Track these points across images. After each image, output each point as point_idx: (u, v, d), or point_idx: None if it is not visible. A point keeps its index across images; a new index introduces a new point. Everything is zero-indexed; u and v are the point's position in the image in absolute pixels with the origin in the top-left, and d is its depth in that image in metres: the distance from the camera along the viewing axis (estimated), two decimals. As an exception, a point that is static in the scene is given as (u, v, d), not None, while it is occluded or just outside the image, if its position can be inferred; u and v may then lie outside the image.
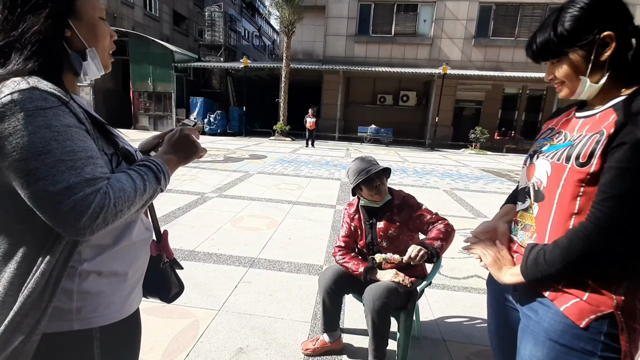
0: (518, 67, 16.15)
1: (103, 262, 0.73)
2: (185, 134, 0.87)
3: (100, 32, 0.77)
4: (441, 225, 1.73)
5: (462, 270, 3.05)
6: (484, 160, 12.56)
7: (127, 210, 0.67)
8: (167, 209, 4.26)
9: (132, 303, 0.83)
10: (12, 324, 0.62)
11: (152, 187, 0.73)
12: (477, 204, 5.54)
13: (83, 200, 0.60)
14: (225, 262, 2.92)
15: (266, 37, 40.58)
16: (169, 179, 0.80)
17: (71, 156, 0.62)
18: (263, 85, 21.58)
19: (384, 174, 1.82)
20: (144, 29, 19.23)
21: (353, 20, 17.16)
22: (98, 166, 0.66)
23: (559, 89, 0.87)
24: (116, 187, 0.66)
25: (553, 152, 0.85)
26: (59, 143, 0.61)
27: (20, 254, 0.65)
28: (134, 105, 17.36)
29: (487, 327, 1.14)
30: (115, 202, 0.64)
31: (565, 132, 0.88)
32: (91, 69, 0.76)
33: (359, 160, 1.84)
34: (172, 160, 0.83)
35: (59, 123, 0.62)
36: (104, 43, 0.79)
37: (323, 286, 1.78)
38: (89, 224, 0.61)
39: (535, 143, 0.95)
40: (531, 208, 0.88)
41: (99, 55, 0.77)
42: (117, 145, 0.77)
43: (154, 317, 2.07)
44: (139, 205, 0.71)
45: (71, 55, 0.73)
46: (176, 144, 0.86)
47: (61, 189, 0.59)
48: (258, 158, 9.49)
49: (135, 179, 0.70)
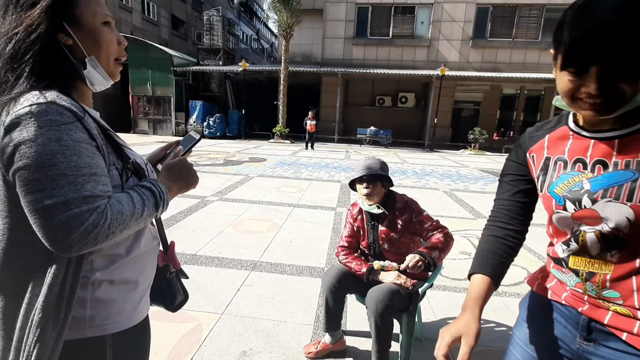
0: (515, 68, 16.24)
1: (115, 271, 0.75)
2: (189, 165, 0.89)
3: (102, 39, 0.74)
4: (440, 234, 1.76)
5: (463, 271, 3.06)
6: (483, 160, 12.59)
7: (119, 233, 0.67)
8: (168, 213, 4.27)
9: (142, 309, 0.84)
10: (34, 337, 0.63)
11: (149, 214, 0.74)
12: (477, 205, 5.56)
13: (77, 217, 0.60)
14: (227, 266, 2.93)
15: (264, 40, 40.71)
16: (167, 207, 0.82)
17: (74, 171, 0.62)
18: (262, 88, 21.63)
19: (379, 180, 1.82)
20: (142, 34, 19.29)
21: (351, 22, 17.24)
22: (100, 184, 0.65)
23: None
24: (115, 209, 0.65)
25: (609, 189, 0.70)
26: (65, 157, 0.61)
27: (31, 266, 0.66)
28: (134, 110, 17.40)
29: None
30: (110, 224, 0.64)
31: (603, 160, 0.72)
32: (95, 77, 0.75)
33: (364, 159, 1.88)
34: (172, 189, 0.85)
35: (69, 138, 0.63)
36: (107, 50, 0.76)
37: (327, 284, 1.80)
38: (77, 241, 0.60)
39: (556, 182, 0.79)
40: (601, 256, 0.73)
41: (101, 64, 0.75)
42: (128, 159, 0.77)
43: (158, 321, 2.08)
44: (131, 230, 0.70)
45: (76, 64, 0.72)
46: (180, 173, 0.88)
47: (57, 203, 0.60)
48: (258, 161, 9.51)
49: (137, 203, 0.70)
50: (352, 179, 1.87)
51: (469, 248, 3.61)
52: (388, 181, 1.85)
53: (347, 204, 5.21)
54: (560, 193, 0.78)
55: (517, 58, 16.46)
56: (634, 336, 0.70)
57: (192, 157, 9.41)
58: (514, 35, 16.42)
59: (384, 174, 1.81)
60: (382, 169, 1.83)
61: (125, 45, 0.81)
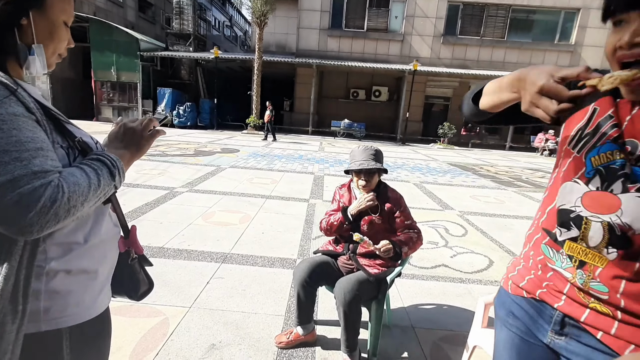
0: (483, 65, 16.85)
1: (72, 260, 0.70)
2: (129, 127, 0.83)
3: (57, 35, 0.74)
4: (414, 233, 1.88)
5: (430, 260, 3.17)
6: (451, 154, 13.05)
7: (81, 206, 0.63)
8: (133, 205, 4.09)
9: (103, 301, 0.80)
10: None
11: (107, 184, 0.70)
12: (444, 197, 5.76)
13: (31, 193, 0.56)
14: (196, 258, 2.86)
15: (238, 27, 39.52)
16: (124, 176, 0.77)
17: (17, 147, 0.57)
18: (235, 77, 21.07)
19: (377, 172, 1.90)
20: (106, 15, 18.10)
21: (326, 13, 17.10)
22: (49, 159, 0.61)
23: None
24: (70, 181, 0.62)
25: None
26: (3, 132, 0.57)
27: None
28: (97, 96, 16.41)
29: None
30: (69, 197, 0.60)
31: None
32: (35, 64, 0.72)
33: (362, 148, 1.90)
34: (124, 156, 0.80)
35: (4, 111, 0.58)
36: (57, 46, 0.76)
37: (298, 279, 1.81)
38: (37, 220, 0.56)
39: (598, 149, 0.70)
40: (598, 248, 0.70)
41: (46, 54, 0.74)
42: (74, 137, 0.73)
43: (121, 316, 2.00)
44: (92, 202, 0.67)
45: (19, 45, 0.69)
46: (124, 138, 0.82)
47: (4, 182, 0.55)
48: (230, 152, 9.30)
49: (90, 174, 0.66)
50: (349, 169, 1.89)
51: (436, 238, 3.75)
52: (384, 170, 1.91)
53: (320, 196, 5.23)
54: (596, 164, 0.69)
55: (484, 56, 17.07)
56: (610, 337, 0.69)
57: (160, 147, 9.05)
58: (482, 33, 16.99)
59: (381, 167, 1.86)
60: (378, 159, 1.88)
61: (72, 46, 0.81)
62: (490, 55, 17.04)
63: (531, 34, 17.06)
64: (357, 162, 1.86)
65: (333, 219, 1.90)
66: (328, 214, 1.97)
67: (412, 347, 1.97)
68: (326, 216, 1.96)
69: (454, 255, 3.32)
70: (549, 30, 16.97)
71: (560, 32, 16.89)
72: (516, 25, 16.97)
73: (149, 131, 0.85)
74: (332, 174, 7.16)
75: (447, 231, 4.01)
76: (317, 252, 2.02)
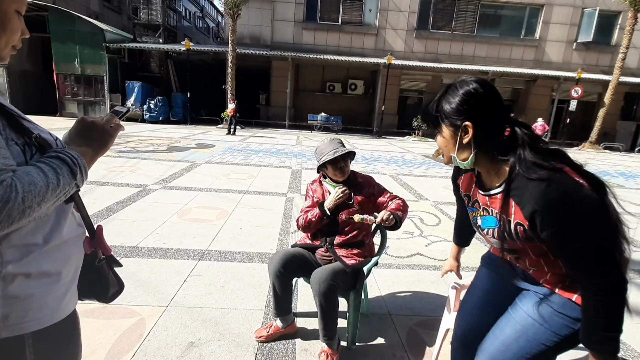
0: (454, 60, 17.29)
1: (31, 263, 0.67)
2: (90, 122, 0.79)
3: (10, 26, 0.70)
4: (399, 200, 1.94)
5: (405, 249, 3.27)
6: (425, 147, 13.38)
7: (37, 207, 0.60)
8: (103, 204, 3.93)
9: (68, 304, 0.77)
10: None
11: (67, 183, 0.67)
12: (419, 188, 5.92)
13: None
14: (172, 257, 2.80)
15: (210, 18, 38.37)
16: (87, 174, 0.74)
17: None
18: (208, 70, 20.49)
19: (349, 157, 1.93)
20: (67, 4, 17.03)
21: (300, 5, 16.92)
22: (0, 156, 0.58)
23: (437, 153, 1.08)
24: (25, 180, 0.58)
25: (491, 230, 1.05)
26: None
27: None
28: (59, 90, 15.52)
29: (468, 292, 1.34)
30: (24, 197, 0.57)
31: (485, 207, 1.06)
32: None
33: (327, 141, 1.93)
34: (87, 153, 0.76)
35: None
36: (10, 37, 0.71)
37: (272, 270, 1.81)
38: None
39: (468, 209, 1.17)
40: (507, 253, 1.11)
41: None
42: (30, 133, 0.69)
43: (94, 319, 1.94)
44: (51, 202, 0.64)
45: None
46: (86, 134, 0.78)
47: None
48: (205, 147, 9.09)
49: (48, 172, 0.63)
50: (327, 159, 1.84)
51: (411, 228, 3.86)
52: (353, 156, 1.96)
53: (298, 190, 5.23)
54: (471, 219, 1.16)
55: (455, 50, 17.51)
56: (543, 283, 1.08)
57: (131, 143, 8.71)
58: (453, 28, 17.39)
59: (352, 150, 1.91)
60: (344, 146, 1.92)
61: (26, 37, 0.77)
62: (461, 50, 17.49)
63: (499, 29, 17.65)
64: (329, 153, 1.85)
65: (310, 216, 1.89)
66: (304, 211, 1.96)
67: (389, 334, 2.03)
68: (302, 213, 1.95)
69: (428, 244, 3.44)
70: (515, 25, 17.62)
71: (526, 27, 17.58)
72: (485, 20, 17.50)
73: (111, 125, 0.81)
74: (309, 167, 7.16)
75: (422, 221, 4.14)
76: (295, 246, 2.03)
